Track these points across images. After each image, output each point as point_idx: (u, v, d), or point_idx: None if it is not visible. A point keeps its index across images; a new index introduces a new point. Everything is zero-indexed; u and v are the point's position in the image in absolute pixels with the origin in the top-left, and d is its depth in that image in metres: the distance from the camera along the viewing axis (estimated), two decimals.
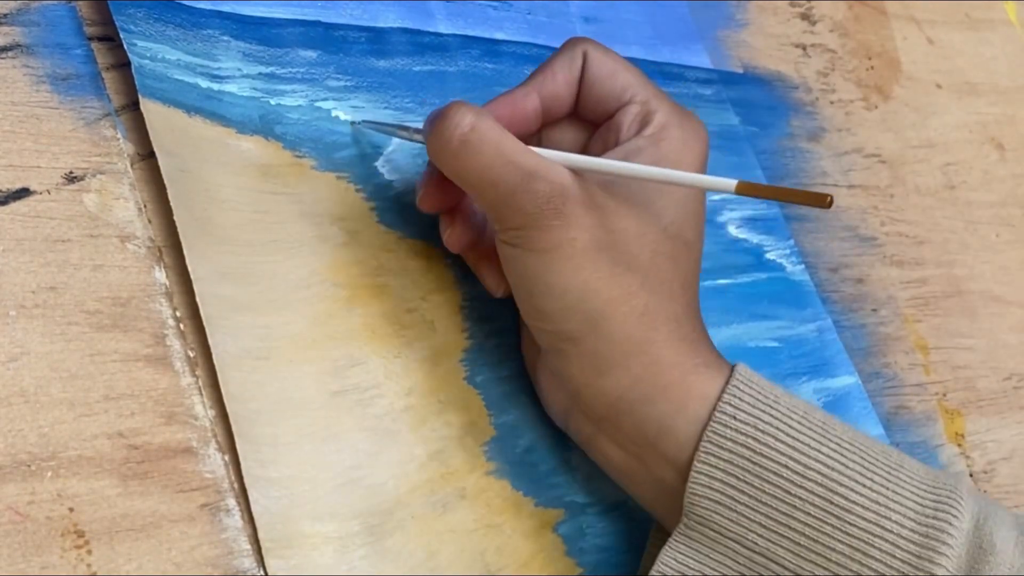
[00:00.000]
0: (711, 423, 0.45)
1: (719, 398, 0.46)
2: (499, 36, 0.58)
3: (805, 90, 0.69)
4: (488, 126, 0.45)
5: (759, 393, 0.46)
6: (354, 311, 0.48)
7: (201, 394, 0.44)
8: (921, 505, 0.44)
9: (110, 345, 0.43)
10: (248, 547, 0.43)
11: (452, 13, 0.57)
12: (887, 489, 0.44)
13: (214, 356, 0.44)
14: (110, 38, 0.47)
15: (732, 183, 0.43)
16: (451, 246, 0.50)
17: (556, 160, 0.46)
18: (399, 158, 0.52)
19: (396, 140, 0.52)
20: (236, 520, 0.43)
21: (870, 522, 0.43)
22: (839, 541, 0.44)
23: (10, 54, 0.45)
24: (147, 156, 0.46)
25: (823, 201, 0.41)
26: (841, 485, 0.44)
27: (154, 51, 0.47)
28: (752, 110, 0.66)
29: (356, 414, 0.47)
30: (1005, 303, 0.70)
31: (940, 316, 0.67)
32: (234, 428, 0.44)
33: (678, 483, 0.46)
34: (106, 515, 0.41)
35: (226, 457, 0.44)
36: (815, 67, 0.70)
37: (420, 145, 0.53)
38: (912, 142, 0.72)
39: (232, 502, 0.43)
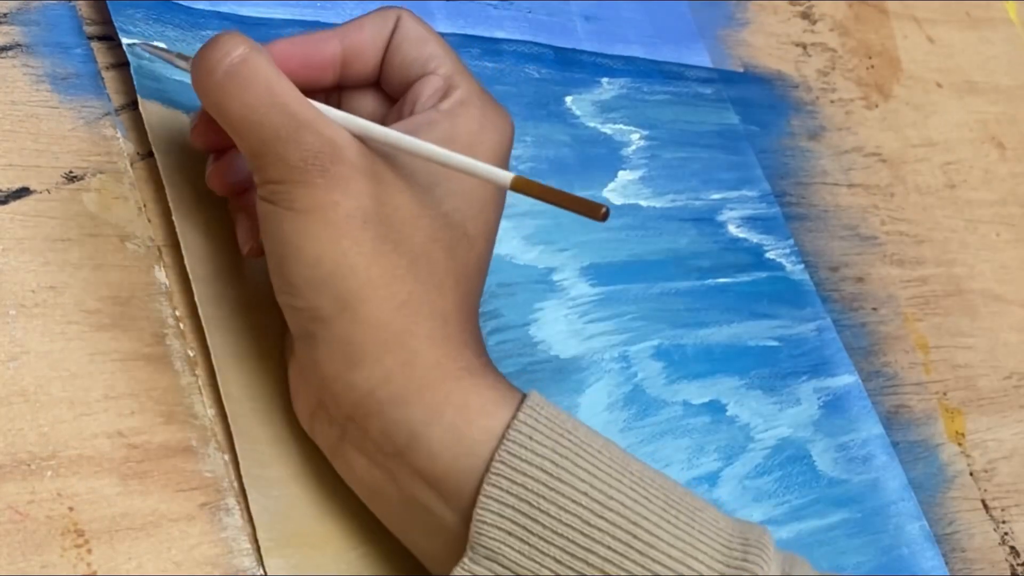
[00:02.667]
0: (505, 443, 0.40)
1: (511, 421, 0.41)
2: (499, 35, 0.58)
3: (805, 89, 0.69)
4: (261, 62, 0.41)
5: (555, 419, 0.42)
6: None
7: (201, 393, 0.44)
8: (728, 548, 0.41)
9: (110, 344, 0.43)
10: (248, 546, 0.43)
11: (452, 12, 0.57)
12: (693, 529, 0.41)
13: (213, 356, 0.44)
14: (110, 37, 0.47)
15: (509, 177, 0.39)
16: (212, 185, 0.45)
17: (334, 118, 0.41)
18: None
19: None
20: (236, 519, 0.43)
21: (675, 560, 0.40)
22: None
23: (10, 53, 0.45)
24: (147, 155, 0.46)
25: (597, 213, 0.37)
26: (644, 519, 0.40)
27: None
28: (752, 109, 0.66)
29: None
30: (1005, 302, 0.70)
31: (940, 315, 0.67)
32: (233, 427, 0.44)
33: (431, 501, 0.42)
34: (106, 514, 0.41)
35: (226, 456, 0.44)
36: (815, 66, 0.70)
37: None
38: (912, 141, 0.72)
39: (232, 501, 0.43)
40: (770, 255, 0.62)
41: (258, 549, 0.43)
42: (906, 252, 0.68)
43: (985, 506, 0.63)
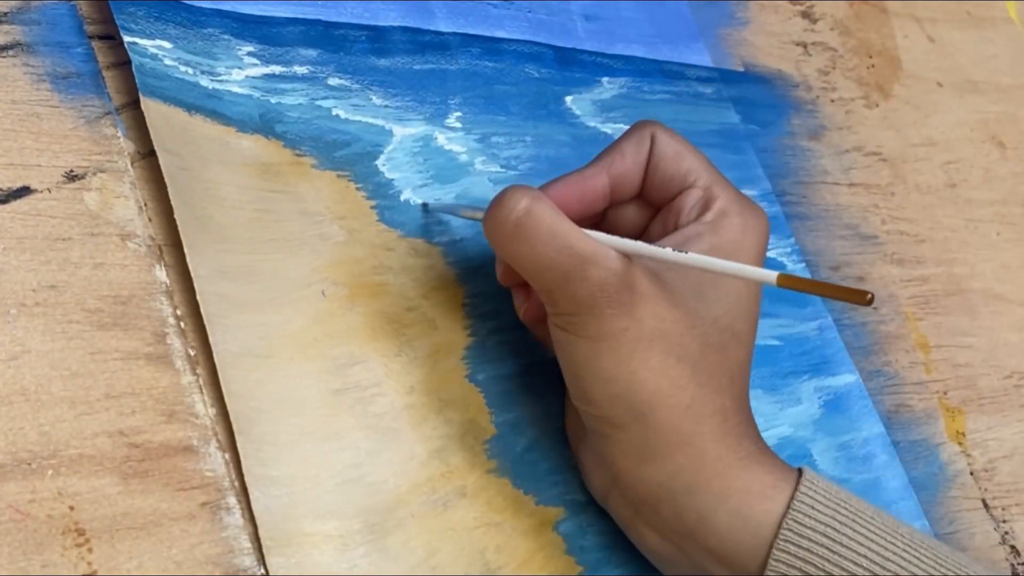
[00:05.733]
0: (791, 513, 0.45)
1: (792, 497, 0.46)
2: (500, 34, 0.58)
3: (806, 88, 0.69)
4: (543, 210, 0.44)
5: (830, 492, 0.46)
6: (355, 309, 0.48)
7: (202, 392, 0.44)
8: None
9: (111, 343, 0.43)
10: (249, 545, 0.43)
11: (452, 11, 0.57)
12: None
13: (215, 354, 0.44)
14: (110, 36, 0.47)
15: (774, 275, 0.42)
16: (524, 319, 0.50)
17: (610, 244, 0.45)
18: (400, 156, 0.52)
19: (396, 138, 0.52)
20: (237, 518, 0.43)
21: None
22: None
23: (10, 53, 0.45)
24: (147, 154, 0.46)
25: (863, 298, 0.40)
26: None
27: (154, 50, 0.47)
28: (753, 108, 0.66)
29: (357, 412, 0.47)
30: (1006, 301, 0.70)
31: (941, 314, 0.67)
32: (235, 426, 0.44)
33: (721, 573, 0.46)
34: (107, 513, 0.41)
35: (227, 455, 0.44)
36: (816, 65, 0.70)
37: (420, 144, 0.53)
38: (913, 140, 0.72)
39: (233, 500, 0.43)
40: (771, 254, 0.62)
41: (259, 548, 0.43)
42: (907, 251, 0.68)
43: (986, 505, 0.63)
